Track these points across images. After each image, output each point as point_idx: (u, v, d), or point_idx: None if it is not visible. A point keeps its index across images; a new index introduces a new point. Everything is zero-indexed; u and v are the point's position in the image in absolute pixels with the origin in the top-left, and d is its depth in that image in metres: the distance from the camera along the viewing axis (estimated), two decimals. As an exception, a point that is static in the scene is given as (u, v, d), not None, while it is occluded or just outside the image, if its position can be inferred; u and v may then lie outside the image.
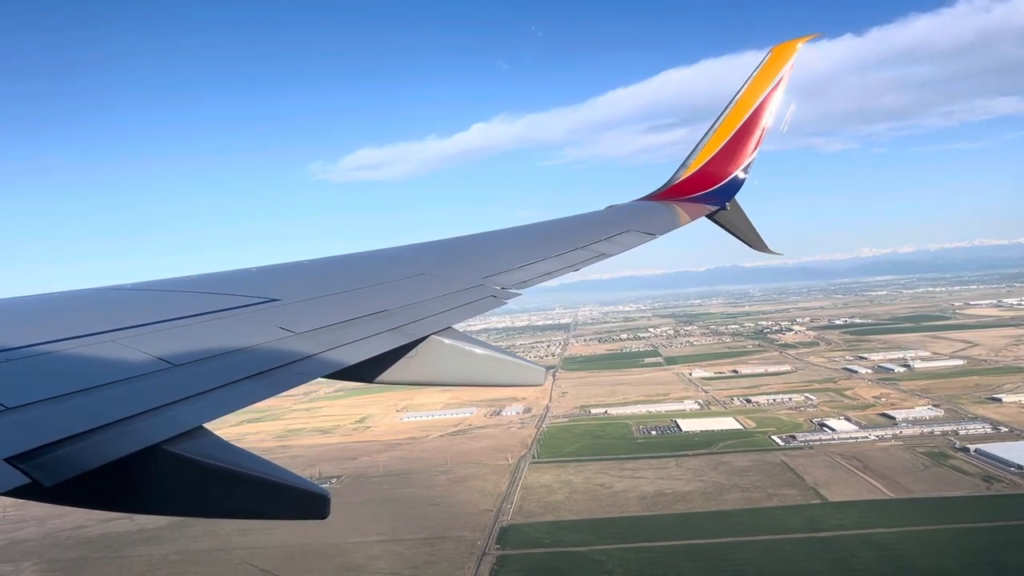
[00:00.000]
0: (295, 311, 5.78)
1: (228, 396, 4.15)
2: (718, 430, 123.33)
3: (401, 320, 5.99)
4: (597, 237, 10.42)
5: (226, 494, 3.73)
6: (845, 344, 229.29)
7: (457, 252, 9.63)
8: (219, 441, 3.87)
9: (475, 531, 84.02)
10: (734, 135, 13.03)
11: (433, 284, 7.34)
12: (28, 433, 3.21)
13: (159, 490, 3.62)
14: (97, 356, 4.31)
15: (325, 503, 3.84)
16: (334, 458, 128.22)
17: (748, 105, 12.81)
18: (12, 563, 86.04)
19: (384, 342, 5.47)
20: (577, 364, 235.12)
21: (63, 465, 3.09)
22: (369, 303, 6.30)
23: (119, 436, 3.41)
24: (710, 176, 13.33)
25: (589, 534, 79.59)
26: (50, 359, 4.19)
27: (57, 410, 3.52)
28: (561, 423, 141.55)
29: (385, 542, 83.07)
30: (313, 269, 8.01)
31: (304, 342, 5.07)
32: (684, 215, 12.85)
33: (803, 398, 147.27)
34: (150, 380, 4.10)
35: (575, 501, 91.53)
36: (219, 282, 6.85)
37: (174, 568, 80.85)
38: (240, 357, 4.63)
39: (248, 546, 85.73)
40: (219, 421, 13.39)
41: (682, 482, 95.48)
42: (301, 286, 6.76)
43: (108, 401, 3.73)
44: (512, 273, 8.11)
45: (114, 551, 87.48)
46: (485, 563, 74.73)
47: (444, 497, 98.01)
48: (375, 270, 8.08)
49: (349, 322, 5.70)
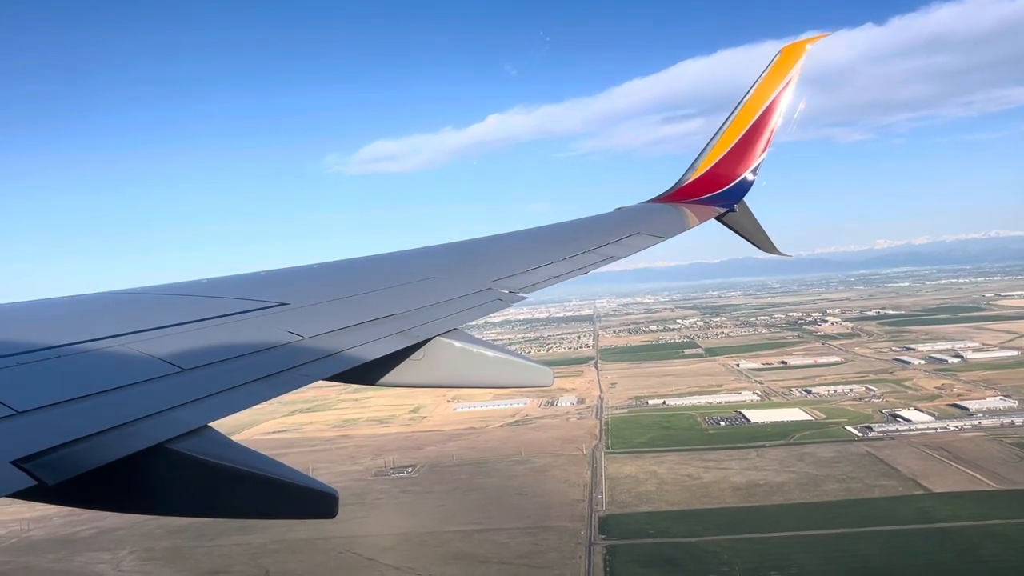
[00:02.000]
0: (304, 315, 5.89)
1: (233, 397, 4.19)
2: (788, 421, 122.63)
3: (408, 324, 6.06)
4: (606, 240, 10.47)
5: (233, 493, 3.74)
6: (887, 335, 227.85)
7: (465, 256, 9.73)
8: (226, 440, 3.86)
9: (573, 521, 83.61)
10: (743, 137, 12.99)
11: (441, 288, 7.45)
12: (35, 436, 3.25)
13: (166, 490, 3.64)
14: (108, 360, 4.37)
15: (333, 502, 3.84)
16: (399, 448, 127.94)
17: (757, 106, 12.77)
18: (109, 551, 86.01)
19: (389, 344, 5.57)
20: (615, 355, 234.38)
21: (67, 465, 3.12)
22: (377, 307, 6.39)
23: (124, 436, 3.44)
24: (719, 178, 13.35)
25: (694, 525, 79.05)
26: (61, 363, 4.24)
27: (64, 413, 3.54)
28: (622, 414, 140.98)
29: (483, 531, 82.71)
30: (322, 273, 8.14)
31: (312, 345, 5.19)
32: (693, 217, 12.89)
33: (863, 389, 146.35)
34: (159, 384, 4.15)
35: (667, 492, 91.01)
36: (230, 286, 6.93)
37: (276, 558, 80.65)
38: (249, 361, 4.71)
39: (343, 535, 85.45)
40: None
41: (771, 473, 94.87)
42: (310, 290, 6.90)
43: (116, 404, 3.76)
44: (520, 276, 8.22)
45: (208, 540, 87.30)
46: (595, 553, 74.32)
47: (529, 487, 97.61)
48: (383, 274, 8.17)
49: (357, 326, 5.79)
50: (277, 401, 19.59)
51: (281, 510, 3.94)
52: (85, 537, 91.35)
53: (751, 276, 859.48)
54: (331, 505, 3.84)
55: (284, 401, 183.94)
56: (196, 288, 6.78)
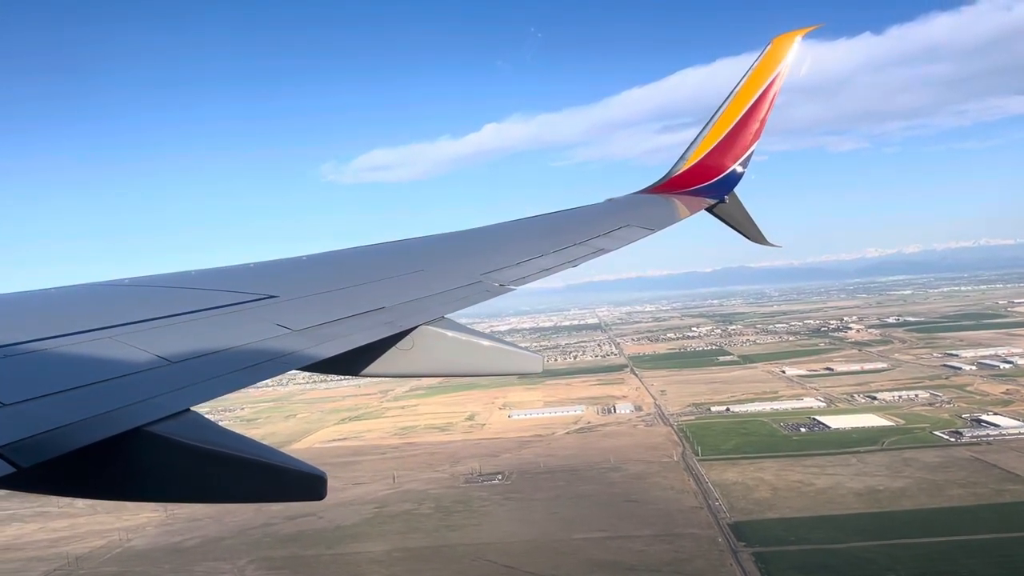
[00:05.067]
0: (293, 308, 5.81)
1: (214, 384, 4.15)
2: (869, 427, 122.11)
3: (397, 316, 6.04)
4: (595, 232, 10.33)
5: (219, 477, 3.65)
6: (919, 342, 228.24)
7: (456, 247, 9.72)
8: (209, 423, 3.80)
9: (702, 528, 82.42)
10: (732, 128, 12.97)
11: (431, 281, 7.44)
12: (12, 426, 3.22)
13: (148, 475, 3.57)
14: (93, 353, 4.28)
15: (322, 484, 3.73)
16: (473, 455, 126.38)
17: (747, 98, 12.71)
18: (225, 560, 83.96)
19: (375, 332, 5.57)
20: (647, 363, 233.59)
21: (42, 450, 3.11)
22: (367, 301, 6.32)
23: (102, 422, 3.42)
24: (708, 169, 13.31)
25: (834, 531, 78.06)
26: (44, 356, 4.16)
27: (45, 404, 3.52)
28: (690, 421, 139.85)
29: (613, 539, 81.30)
30: (311, 265, 8.08)
31: (300, 336, 5.14)
32: (683, 208, 12.82)
33: (928, 395, 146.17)
34: (143, 375, 4.09)
35: (785, 498, 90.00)
36: (218, 278, 6.86)
37: (408, 566, 78.91)
38: (236, 354, 4.65)
39: (466, 542, 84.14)
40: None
41: (885, 478, 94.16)
42: (299, 283, 6.82)
43: (98, 395, 3.71)
44: (511, 269, 8.17)
45: (325, 547, 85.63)
46: (744, 560, 73.19)
47: (636, 494, 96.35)
48: (373, 266, 8.13)
49: (346, 319, 5.74)
50: (322, 409, 19.45)
51: (269, 493, 3.83)
52: (192, 547, 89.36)
53: (747, 285, 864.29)
54: (319, 486, 3.73)
55: (329, 410, 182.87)
56: (183, 280, 6.64)
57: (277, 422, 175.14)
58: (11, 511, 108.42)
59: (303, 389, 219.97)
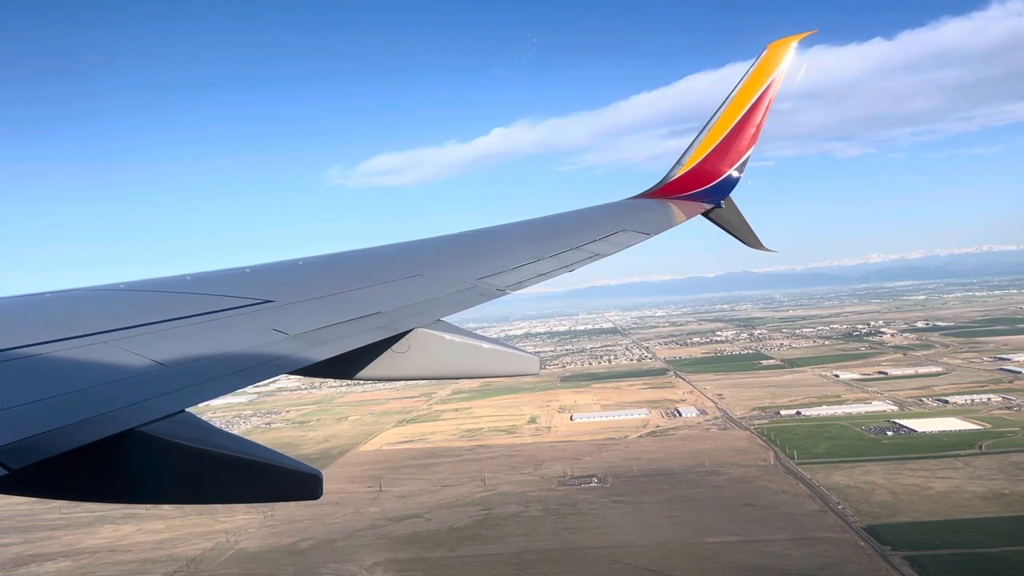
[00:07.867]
0: (289, 313, 5.79)
1: (209, 387, 4.10)
2: (957, 430, 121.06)
3: (392, 320, 5.99)
4: (592, 237, 10.32)
5: (215, 477, 3.64)
6: (961, 346, 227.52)
7: (453, 251, 9.69)
8: (203, 424, 3.77)
9: (837, 532, 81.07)
10: (728, 133, 12.96)
11: (428, 285, 7.40)
12: (3, 430, 3.19)
13: (144, 476, 3.54)
14: (89, 357, 4.24)
15: (317, 483, 3.74)
16: (552, 458, 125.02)
17: (743, 103, 12.69)
18: (348, 563, 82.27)
19: (370, 336, 5.53)
20: (688, 366, 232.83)
21: (34, 452, 3.08)
22: (364, 305, 6.28)
23: (95, 424, 3.39)
24: (704, 174, 13.31)
25: (978, 535, 76.71)
26: (40, 360, 4.11)
27: (39, 408, 3.48)
28: (764, 424, 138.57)
29: (749, 543, 79.89)
30: (308, 268, 8.04)
31: (295, 342, 5.09)
32: (679, 213, 12.84)
33: (1000, 398, 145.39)
34: (139, 379, 4.05)
35: (909, 502, 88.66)
36: (214, 282, 6.80)
37: (544, 568, 77.40)
38: (230, 357, 4.60)
39: (593, 545, 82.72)
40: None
41: (1004, 482, 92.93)
42: (296, 287, 6.77)
43: (93, 399, 3.67)
44: (507, 274, 8.16)
45: (447, 549, 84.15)
46: (897, 563, 71.87)
47: (749, 497, 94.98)
48: (370, 270, 8.10)
49: (342, 324, 5.68)
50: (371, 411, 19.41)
51: (266, 492, 3.81)
52: (307, 548, 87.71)
53: (752, 290, 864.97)
54: (315, 486, 3.71)
55: (379, 412, 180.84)
56: (180, 284, 6.54)
57: (331, 425, 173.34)
58: (99, 512, 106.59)
59: (341, 392, 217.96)
